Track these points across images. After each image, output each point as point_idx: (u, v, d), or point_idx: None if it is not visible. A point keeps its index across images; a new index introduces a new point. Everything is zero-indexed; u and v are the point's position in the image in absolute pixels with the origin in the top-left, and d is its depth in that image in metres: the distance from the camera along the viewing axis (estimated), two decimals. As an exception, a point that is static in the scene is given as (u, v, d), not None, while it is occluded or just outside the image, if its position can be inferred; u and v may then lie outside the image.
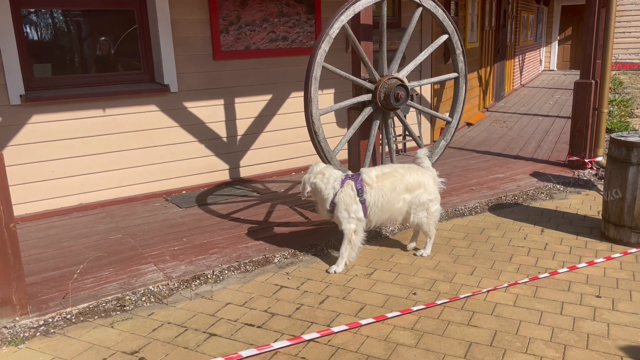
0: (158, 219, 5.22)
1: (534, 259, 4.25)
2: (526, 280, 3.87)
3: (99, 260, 4.27)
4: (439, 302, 3.58)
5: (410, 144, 7.79)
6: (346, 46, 6.89)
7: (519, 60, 16.16)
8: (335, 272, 4.08)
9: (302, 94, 6.71)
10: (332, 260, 4.27)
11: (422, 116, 7.81)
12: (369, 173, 4.07)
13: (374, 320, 3.37)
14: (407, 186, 4.11)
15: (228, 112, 6.31)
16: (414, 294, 3.74)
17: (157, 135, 5.87)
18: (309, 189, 4.05)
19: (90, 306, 3.58)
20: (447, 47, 5.15)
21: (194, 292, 3.83)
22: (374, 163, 4.73)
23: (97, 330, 3.38)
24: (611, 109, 10.54)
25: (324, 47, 4.09)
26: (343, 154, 6.11)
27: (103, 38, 5.69)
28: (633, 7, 18.33)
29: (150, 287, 3.81)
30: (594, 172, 6.42)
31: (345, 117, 4.86)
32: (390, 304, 3.61)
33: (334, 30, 4.10)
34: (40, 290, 3.78)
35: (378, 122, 4.56)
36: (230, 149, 6.42)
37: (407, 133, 7.60)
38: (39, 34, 5.41)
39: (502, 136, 8.87)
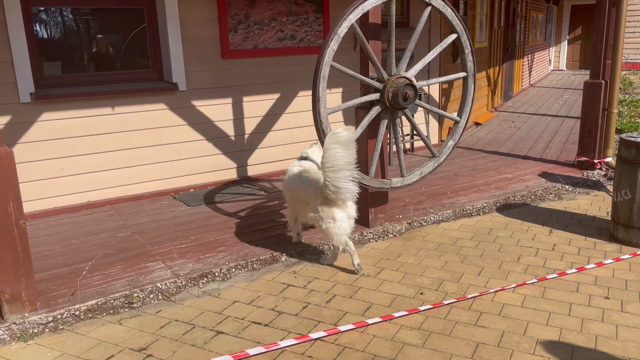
0: (166, 217, 5.24)
1: (542, 260, 4.23)
2: (534, 281, 3.85)
3: (107, 258, 4.29)
4: (446, 302, 3.57)
5: (418, 143, 7.77)
6: (354, 45, 6.88)
7: (528, 60, 16.07)
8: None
9: (310, 92, 6.71)
10: (339, 261, 4.27)
11: (430, 116, 7.79)
12: (293, 167, 4.35)
13: (380, 319, 3.37)
14: (297, 193, 4.20)
15: (236, 110, 6.32)
16: (421, 293, 3.73)
17: (165, 133, 5.89)
18: None
19: (99, 303, 3.61)
20: (456, 46, 5.14)
21: (201, 290, 3.85)
22: (381, 162, 4.73)
23: (105, 327, 3.40)
24: (621, 109, 10.47)
25: (333, 46, 4.09)
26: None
27: (100, 35, 5.70)
28: (644, 6, 18.16)
29: (158, 284, 3.83)
30: (603, 172, 6.38)
31: (353, 116, 4.85)
32: (397, 303, 3.61)
33: (343, 29, 4.10)
34: (49, 287, 3.81)
35: (386, 121, 4.55)
36: (238, 147, 6.43)
37: (415, 133, 7.58)
38: (49, 32, 5.44)
39: (511, 136, 8.83)
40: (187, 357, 3.06)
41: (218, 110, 6.19)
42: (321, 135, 4.22)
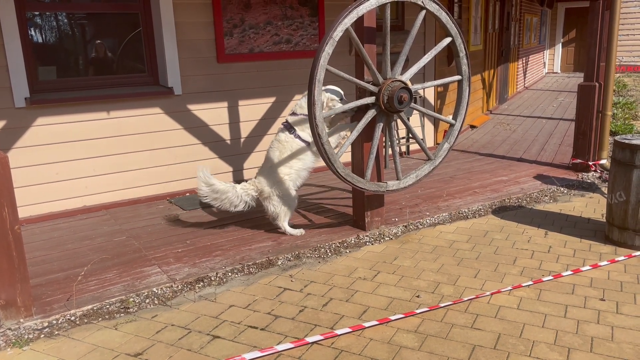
0: (162, 221, 5.23)
1: (537, 262, 4.25)
2: (530, 283, 3.86)
3: (103, 263, 4.28)
4: (442, 305, 3.57)
5: (414, 146, 7.79)
6: (350, 49, 6.89)
7: (523, 63, 16.14)
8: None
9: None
10: (335, 264, 4.27)
11: (425, 119, 7.81)
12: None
13: (377, 322, 3.37)
14: None
15: (232, 114, 6.33)
16: (418, 296, 3.74)
17: (161, 137, 5.89)
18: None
19: (94, 308, 3.59)
20: (451, 49, 5.15)
21: (197, 295, 3.84)
22: (377, 166, 4.74)
23: (101, 332, 3.39)
24: (615, 111, 10.51)
25: (328, 49, 4.09)
26: (347, 157, 6.12)
27: (99, 41, 5.71)
28: (637, 9, 18.28)
29: (154, 289, 3.82)
30: (597, 174, 6.41)
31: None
32: (393, 306, 3.61)
33: (338, 33, 4.10)
34: (44, 292, 3.80)
35: (381, 124, 4.56)
36: (234, 151, 6.43)
37: (410, 136, 7.60)
38: (44, 36, 5.43)
39: (506, 139, 8.86)
40: (184, 362, 3.05)
41: (214, 114, 6.19)
42: (317, 138, 4.23)
